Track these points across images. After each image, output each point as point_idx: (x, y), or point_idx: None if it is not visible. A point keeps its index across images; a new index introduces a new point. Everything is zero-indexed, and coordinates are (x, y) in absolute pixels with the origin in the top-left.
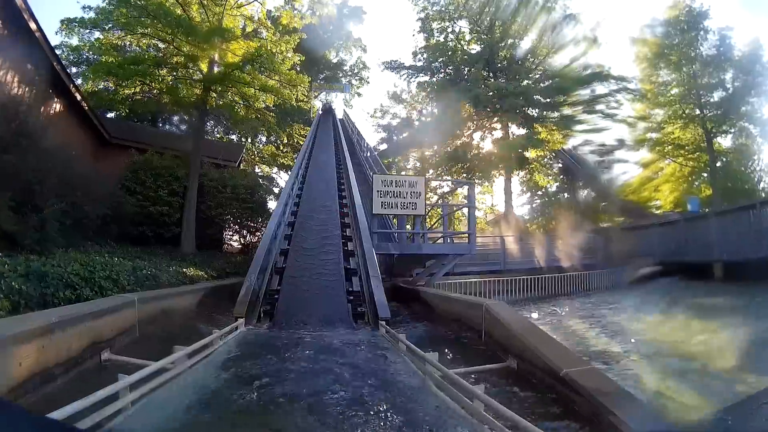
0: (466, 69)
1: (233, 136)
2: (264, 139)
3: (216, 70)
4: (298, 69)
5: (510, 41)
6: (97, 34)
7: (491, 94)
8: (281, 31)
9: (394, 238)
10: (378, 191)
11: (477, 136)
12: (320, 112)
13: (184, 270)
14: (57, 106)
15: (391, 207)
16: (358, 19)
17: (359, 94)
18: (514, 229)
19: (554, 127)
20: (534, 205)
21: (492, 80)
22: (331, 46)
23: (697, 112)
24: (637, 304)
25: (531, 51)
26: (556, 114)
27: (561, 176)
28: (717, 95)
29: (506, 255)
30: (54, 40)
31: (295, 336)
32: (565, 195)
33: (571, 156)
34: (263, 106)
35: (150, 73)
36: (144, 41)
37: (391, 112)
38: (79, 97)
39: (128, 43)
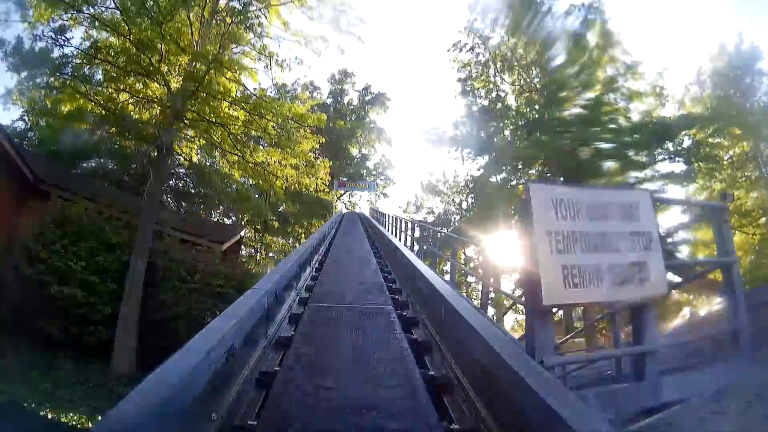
0: (519, 133)
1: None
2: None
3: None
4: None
5: (572, 93)
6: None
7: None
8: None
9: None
10: (549, 233)
11: None
12: (343, 212)
13: (56, 412)
14: None
15: (587, 281)
16: (382, 106)
17: (385, 195)
18: None
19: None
20: None
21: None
22: (354, 139)
23: (758, 173)
24: None
25: (600, 104)
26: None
27: None
28: None
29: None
30: None
31: None
32: None
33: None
34: (263, 160)
35: (82, 76)
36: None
37: (426, 207)
38: None
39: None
